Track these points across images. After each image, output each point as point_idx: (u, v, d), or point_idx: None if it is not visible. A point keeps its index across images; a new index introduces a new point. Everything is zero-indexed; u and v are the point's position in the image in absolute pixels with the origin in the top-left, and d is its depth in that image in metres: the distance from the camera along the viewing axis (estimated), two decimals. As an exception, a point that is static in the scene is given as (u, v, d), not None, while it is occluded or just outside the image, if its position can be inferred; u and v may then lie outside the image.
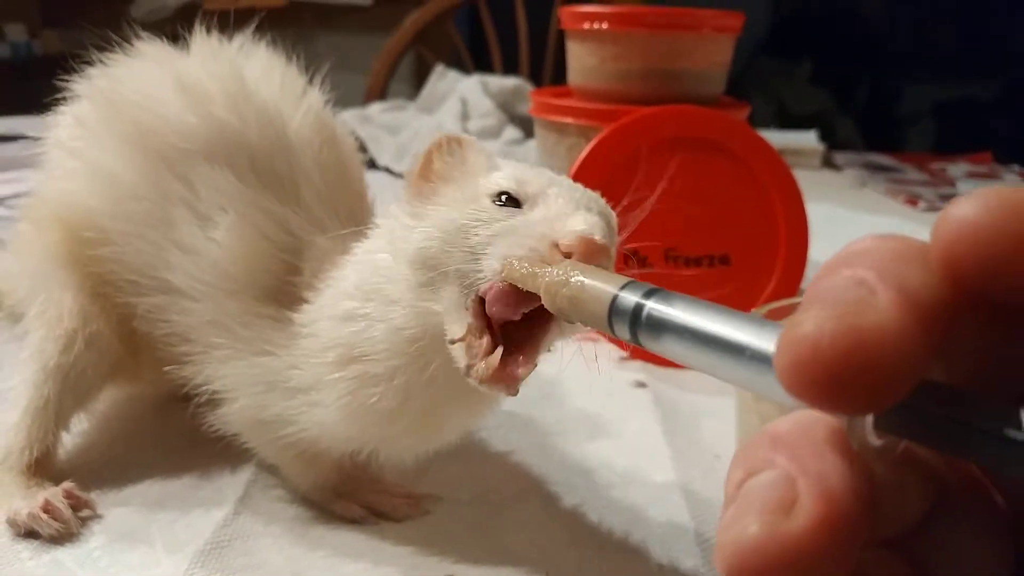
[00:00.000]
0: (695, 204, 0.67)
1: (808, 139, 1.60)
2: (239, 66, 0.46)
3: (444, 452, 0.44)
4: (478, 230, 0.35)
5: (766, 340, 0.19)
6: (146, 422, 0.54)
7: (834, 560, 0.16)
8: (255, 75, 0.46)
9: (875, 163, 1.57)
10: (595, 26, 0.75)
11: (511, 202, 0.36)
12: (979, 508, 0.19)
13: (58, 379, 0.45)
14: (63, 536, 0.41)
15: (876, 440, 0.18)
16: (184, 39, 0.48)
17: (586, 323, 0.28)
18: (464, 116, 1.35)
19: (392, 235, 0.39)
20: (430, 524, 0.45)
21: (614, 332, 0.26)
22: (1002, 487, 0.20)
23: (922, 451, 0.19)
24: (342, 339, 0.39)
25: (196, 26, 0.47)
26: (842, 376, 0.16)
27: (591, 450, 0.53)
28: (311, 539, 0.43)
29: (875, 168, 1.52)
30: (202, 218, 0.43)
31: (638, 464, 0.52)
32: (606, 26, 0.75)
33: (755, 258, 0.69)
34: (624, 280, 0.26)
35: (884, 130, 2.49)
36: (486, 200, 0.36)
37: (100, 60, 0.47)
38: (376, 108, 1.52)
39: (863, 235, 0.19)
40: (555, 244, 0.32)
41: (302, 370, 0.40)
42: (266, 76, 0.47)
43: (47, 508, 0.41)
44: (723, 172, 0.68)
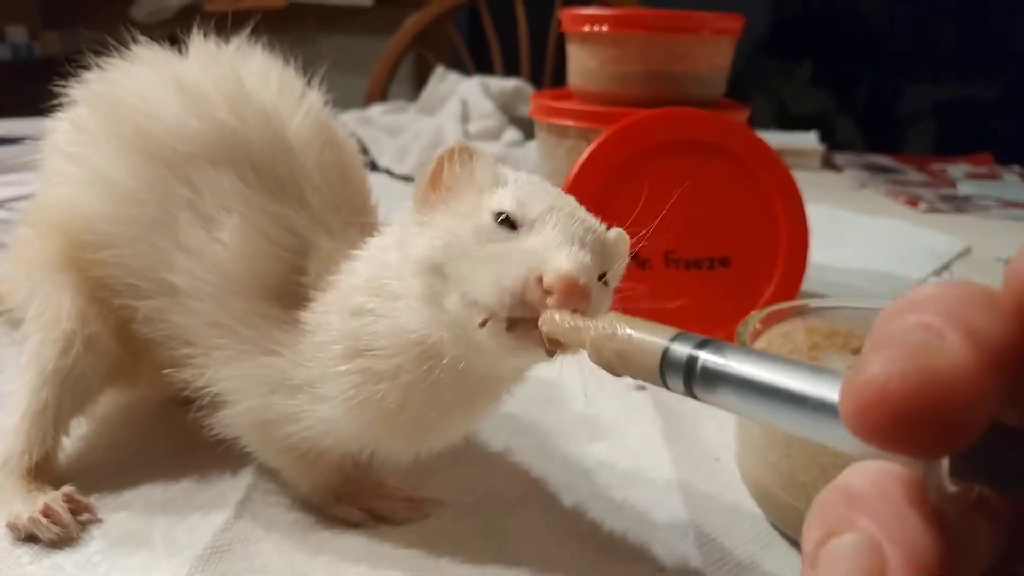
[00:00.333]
0: (695, 206, 0.67)
1: (808, 140, 1.60)
2: (237, 69, 0.46)
3: (445, 455, 0.44)
4: (474, 246, 0.35)
5: (828, 388, 0.19)
6: (146, 426, 0.54)
7: None
8: (253, 77, 0.46)
9: (875, 164, 1.57)
10: (595, 29, 0.75)
11: (509, 224, 0.36)
12: None
13: (56, 382, 0.45)
14: (63, 540, 0.41)
15: (952, 486, 0.18)
16: (185, 41, 0.48)
17: (636, 376, 0.27)
18: (465, 118, 1.35)
19: (402, 237, 0.40)
20: (431, 528, 0.45)
21: (667, 385, 0.25)
22: None
23: (996, 495, 0.19)
24: (350, 332, 0.39)
25: (195, 29, 0.47)
26: (912, 417, 0.16)
27: (592, 453, 0.53)
28: (311, 543, 0.43)
29: (875, 169, 1.52)
30: (206, 220, 0.43)
31: (639, 467, 0.52)
32: (606, 29, 0.75)
33: (755, 260, 0.69)
34: (673, 331, 0.26)
35: (885, 131, 2.49)
36: (487, 217, 0.36)
37: (98, 64, 0.47)
38: (377, 110, 1.52)
39: (925, 284, 0.19)
40: (539, 278, 0.33)
41: (308, 365, 0.40)
42: (264, 78, 0.47)
43: (47, 512, 0.41)
44: (723, 174, 0.68)
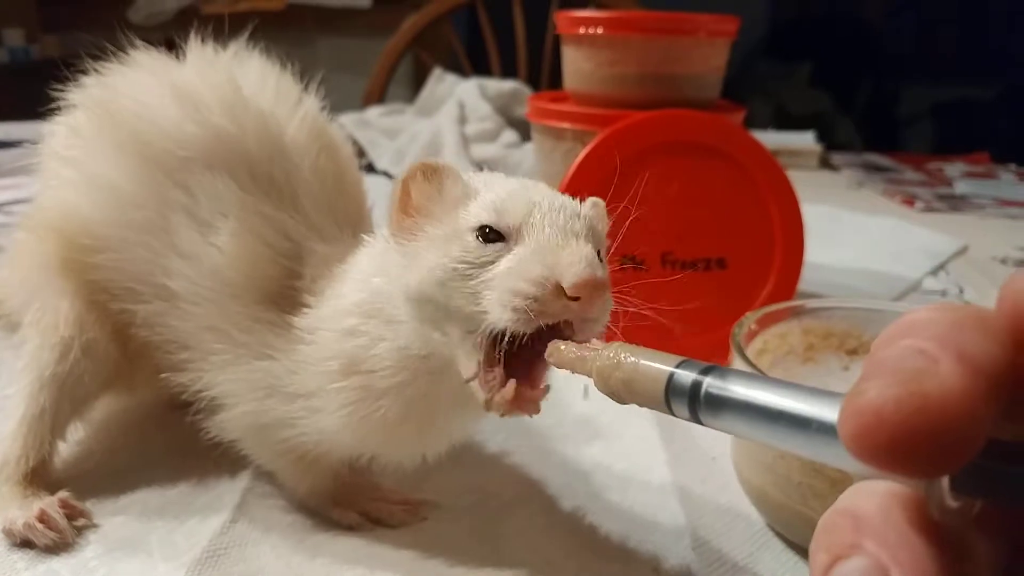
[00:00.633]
0: (691, 208, 0.67)
1: (805, 140, 1.60)
2: (235, 74, 0.46)
3: (442, 458, 0.44)
4: (470, 272, 0.35)
5: (829, 410, 0.20)
6: (143, 431, 0.54)
7: None
8: (250, 83, 0.46)
9: (872, 163, 1.57)
10: (591, 31, 0.75)
11: (494, 235, 0.35)
12: None
13: (54, 387, 0.45)
14: (59, 546, 0.41)
15: (953, 502, 0.19)
16: (183, 45, 0.48)
17: (642, 404, 0.27)
18: (462, 119, 1.35)
19: (384, 263, 0.39)
20: (428, 530, 0.45)
21: (672, 412, 0.26)
22: None
23: (996, 509, 0.19)
24: (346, 352, 0.39)
25: (193, 33, 0.48)
26: (908, 440, 0.17)
27: (588, 454, 0.53)
28: (308, 546, 0.43)
29: (872, 168, 1.52)
30: (202, 224, 0.43)
31: (635, 468, 0.52)
32: (602, 31, 0.75)
33: (751, 261, 0.69)
34: (677, 359, 0.26)
35: (882, 131, 2.50)
36: (470, 237, 0.36)
37: (95, 69, 0.47)
38: (374, 112, 1.52)
39: (918, 308, 0.20)
40: (558, 287, 0.33)
41: (302, 375, 0.41)
42: (261, 84, 0.47)
43: (42, 518, 0.42)
44: (719, 175, 0.68)
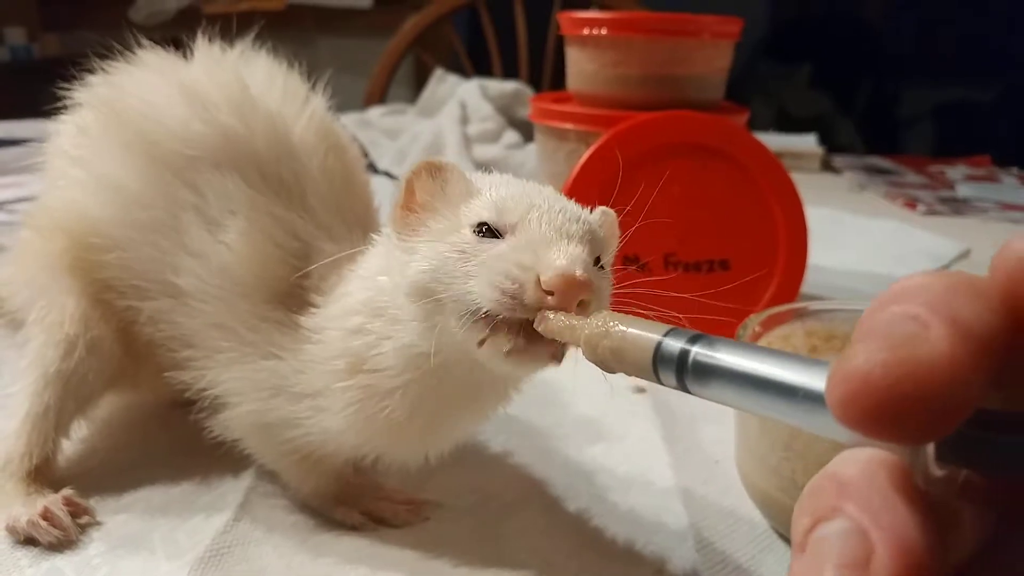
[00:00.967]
0: (694, 209, 0.67)
1: (807, 142, 1.60)
2: (242, 73, 0.46)
3: (444, 458, 0.44)
4: (462, 262, 0.35)
5: (817, 378, 0.20)
6: (147, 429, 0.54)
7: None
8: (258, 82, 0.47)
9: (874, 166, 1.57)
10: (594, 32, 0.75)
11: (492, 232, 0.36)
12: None
13: (59, 385, 0.45)
14: (62, 543, 0.41)
15: (938, 470, 0.18)
16: (183, 44, 0.48)
17: (630, 372, 0.27)
18: (463, 120, 1.35)
19: (388, 261, 0.39)
20: (430, 530, 0.45)
21: (660, 380, 0.25)
22: None
23: (982, 478, 0.19)
24: (351, 350, 0.39)
25: (198, 33, 0.48)
26: (894, 406, 0.17)
27: (591, 455, 0.53)
28: (311, 545, 0.43)
29: (874, 171, 1.52)
30: (211, 223, 0.43)
31: (638, 469, 0.52)
32: (605, 32, 0.75)
33: (755, 263, 0.69)
34: (666, 327, 0.26)
35: (884, 133, 2.50)
36: (468, 231, 0.36)
37: (101, 67, 0.47)
38: (376, 112, 1.52)
39: (911, 274, 0.19)
40: (538, 279, 0.32)
41: (309, 375, 0.41)
42: (268, 83, 0.47)
43: (46, 515, 0.42)
44: (722, 177, 0.68)
